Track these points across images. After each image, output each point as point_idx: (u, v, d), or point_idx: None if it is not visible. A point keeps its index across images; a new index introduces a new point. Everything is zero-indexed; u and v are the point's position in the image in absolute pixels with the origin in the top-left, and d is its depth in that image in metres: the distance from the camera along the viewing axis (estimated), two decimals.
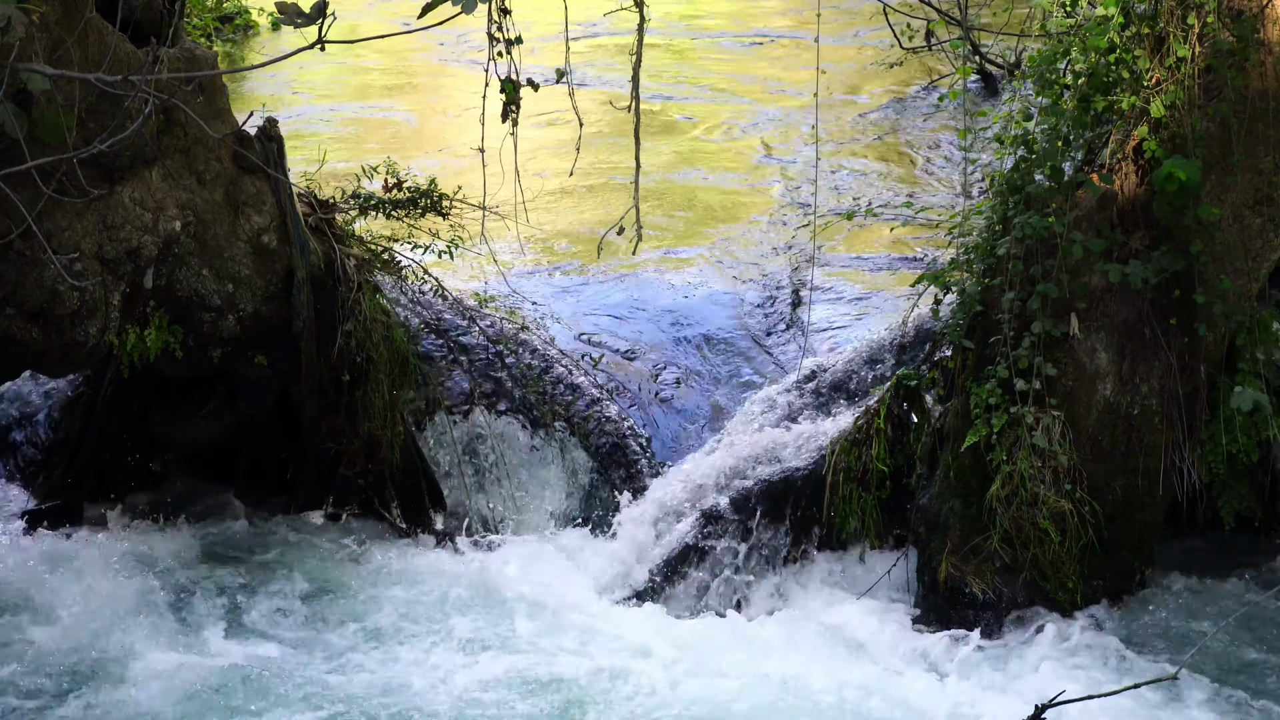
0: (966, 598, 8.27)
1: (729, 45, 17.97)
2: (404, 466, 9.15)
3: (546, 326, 10.03)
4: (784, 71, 16.46)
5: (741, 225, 11.81)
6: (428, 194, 9.54)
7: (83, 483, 9.39)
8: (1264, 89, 7.80)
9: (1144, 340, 8.16)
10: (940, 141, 13.83)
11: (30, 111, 7.28)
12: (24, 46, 7.17)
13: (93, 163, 7.68)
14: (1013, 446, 8.09)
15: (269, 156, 8.61)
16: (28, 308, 7.87)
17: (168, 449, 9.55)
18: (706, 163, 13.44)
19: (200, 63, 8.26)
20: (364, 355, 8.92)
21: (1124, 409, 8.21)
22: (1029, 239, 8.14)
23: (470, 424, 9.37)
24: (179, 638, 8.14)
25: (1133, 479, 8.24)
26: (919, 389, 8.77)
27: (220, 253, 8.52)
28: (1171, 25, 7.89)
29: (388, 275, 9.53)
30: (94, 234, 7.96)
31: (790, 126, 14.35)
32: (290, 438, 9.29)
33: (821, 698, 7.71)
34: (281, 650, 8.08)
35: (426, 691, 7.72)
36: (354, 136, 14.23)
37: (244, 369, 8.90)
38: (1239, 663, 8.04)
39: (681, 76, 16.36)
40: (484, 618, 8.35)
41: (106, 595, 8.43)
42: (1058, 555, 8.14)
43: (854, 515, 8.70)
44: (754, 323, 10.18)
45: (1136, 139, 8.07)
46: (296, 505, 9.38)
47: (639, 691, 7.73)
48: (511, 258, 10.49)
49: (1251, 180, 7.97)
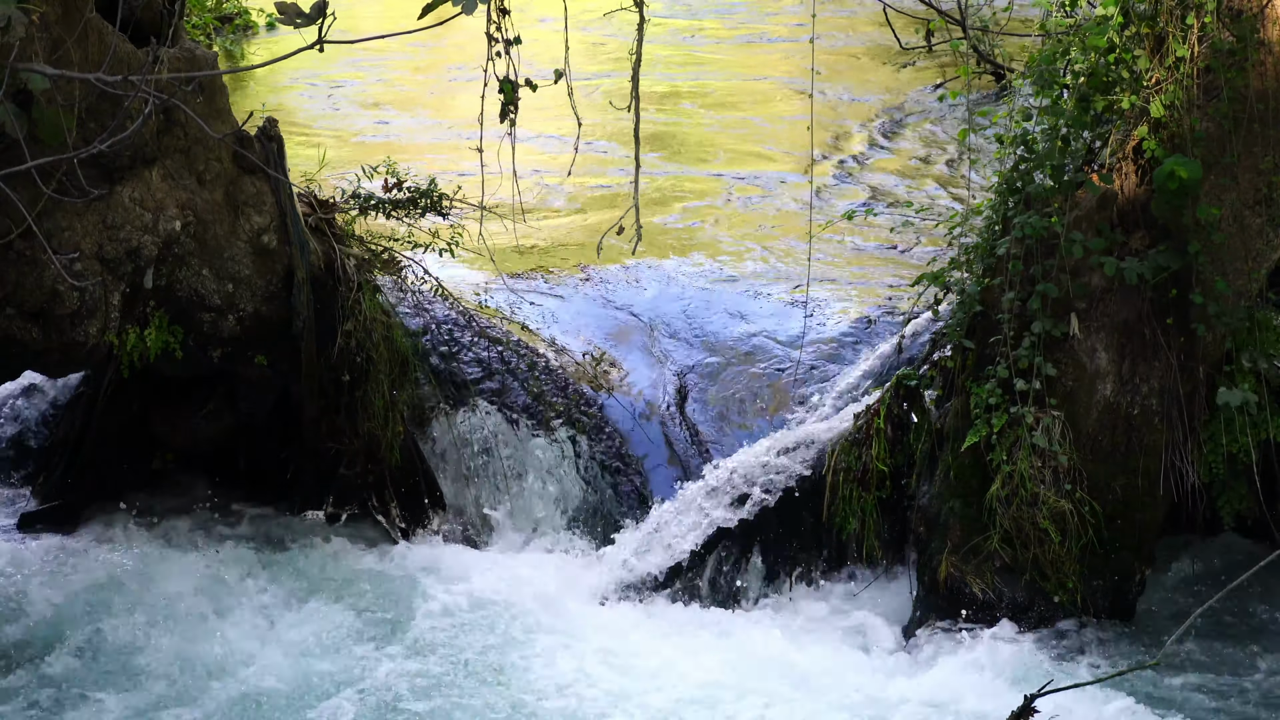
0: (966, 598, 8.27)
1: (733, 42, 17.98)
2: (404, 466, 9.15)
3: (546, 327, 10.02)
4: (791, 71, 16.47)
5: (743, 226, 11.81)
6: (428, 194, 9.54)
7: (83, 483, 9.39)
8: (1264, 89, 7.80)
9: (1144, 340, 8.16)
10: (938, 135, 13.84)
11: (30, 111, 7.28)
12: (24, 46, 7.17)
13: (93, 163, 7.68)
14: (1013, 446, 8.09)
15: (269, 156, 8.61)
16: (28, 308, 7.87)
17: (168, 449, 9.55)
18: (707, 162, 13.44)
19: (200, 63, 8.26)
20: (364, 355, 8.92)
21: (1124, 409, 8.21)
22: (1029, 239, 8.14)
23: (470, 424, 9.37)
24: (179, 637, 8.14)
25: (1133, 479, 8.24)
26: (919, 389, 8.77)
27: (220, 253, 8.52)
28: (1171, 25, 7.89)
29: (388, 275, 9.52)
30: (94, 234, 7.96)
31: (796, 126, 14.35)
32: (290, 438, 9.29)
33: (822, 696, 7.72)
34: (281, 650, 8.08)
35: (425, 691, 7.72)
36: (354, 138, 14.24)
37: (244, 369, 8.90)
38: (1226, 652, 8.11)
39: (683, 77, 16.36)
40: (484, 618, 8.35)
41: (105, 595, 8.43)
42: (1058, 555, 8.14)
43: (854, 515, 8.70)
44: (754, 324, 10.17)
45: (1136, 139, 8.06)
46: (296, 505, 9.38)
47: (639, 691, 7.73)
48: (511, 258, 10.49)
49: (1251, 180, 7.96)
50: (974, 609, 8.26)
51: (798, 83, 15.66)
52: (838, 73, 16.11)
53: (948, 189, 12.61)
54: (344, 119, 14.91)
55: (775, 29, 18.67)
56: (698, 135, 14.30)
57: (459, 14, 5.44)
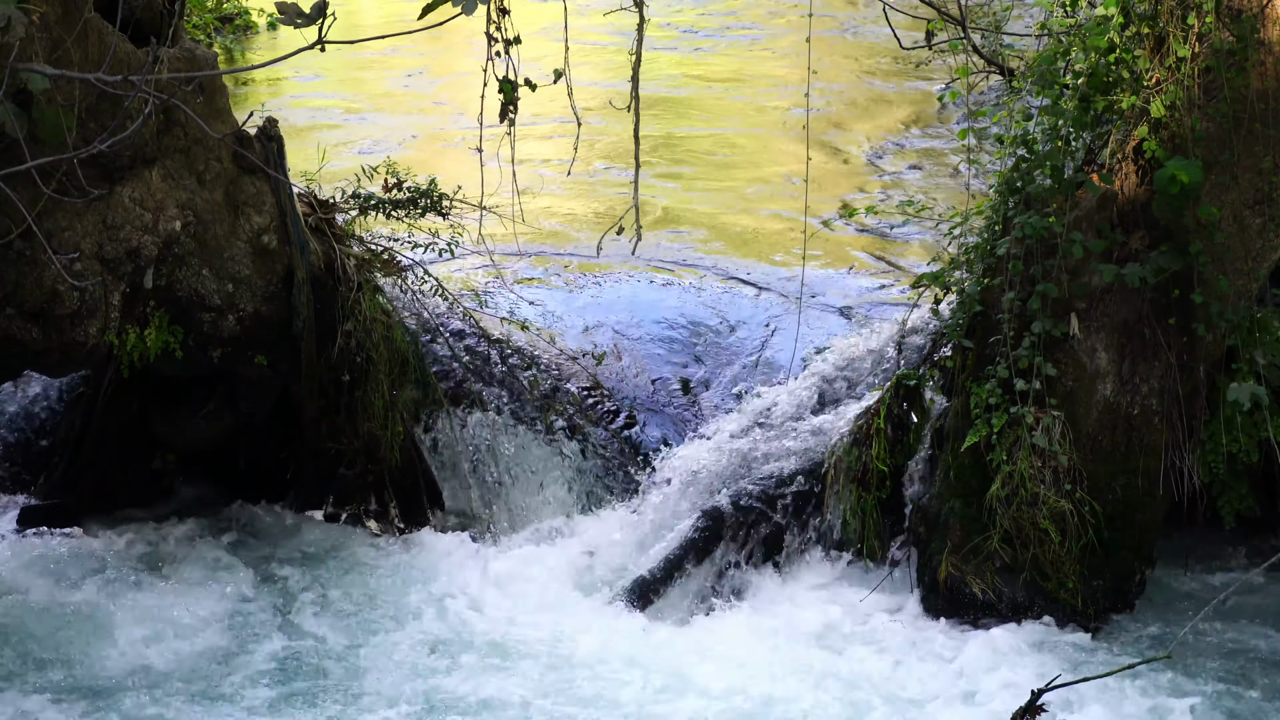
0: (966, 597, 8.27)
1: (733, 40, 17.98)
2: (404, 466, 9.16)
3: (546, 326, 10.02)
4: (787, 71, 16.47)
5: (743, 226, 11.81)
6: (427, 194, 9.53)
7: (83, 483, 9.39)
8: (1264, 89, 7.79)
9: (1144, 340, 8.16)
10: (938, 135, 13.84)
11: (30, 111, 7.28)
12: (24, 46, 7.17)
13: (93, 163, 7.68)
14: (1013, 446, 8.09)
15: (269, 156, 8.61)
16: (28, 308, 7.87)
17: (168, 449, 9.55)
18: (709, 161, 13.44)
19: (200, 63, 8.26)
20: (364, 355, 8.92)
21: (1124, 409, 8.21)
22: (1029, 239, 8.14)
23: (469, 424, 9.37)
24: (178, 637, 8.14)
25: (1133, 479, 8.24)
26: (919, 389, 8.77)
27: (220, 253, 8.52)
28: (1171, 25, 7.89)
29: (387, 275, 9.52)
30: (94, 234, 7.96)
31: (789, 125, 14.34)
32: (290, 438, 9.29)
33: (822, 695, 7.72)
34: (281, 650, 8.08)
35: (423, 692, 7.72)
36: (355, 139, 14.24)
37: (244, 369, 8.90)
38: (1232, 648, 8.09)
39: (682, 78, 16.36)
40: (484, 619, 8.35)
41: (104, 595, 8.43)
42: (1058, 555, 8.14)
43: (854, 515, 8.70)
44: (755, 324, 10.17)
45: (1136, 139, 8.06)
46: (296, 505, 9.39)
47: (639, 691, 7.73)
48: (511, 257, 10.48)
49: (1251, 180, 7.96)
50: (974, 609, 8.27)
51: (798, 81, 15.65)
52: (837, 72, 16.11)
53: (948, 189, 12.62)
54: (346, 119, 14.91)
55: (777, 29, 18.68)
56: (699, 134, 14.30)
57: (458, 14, 5.44)
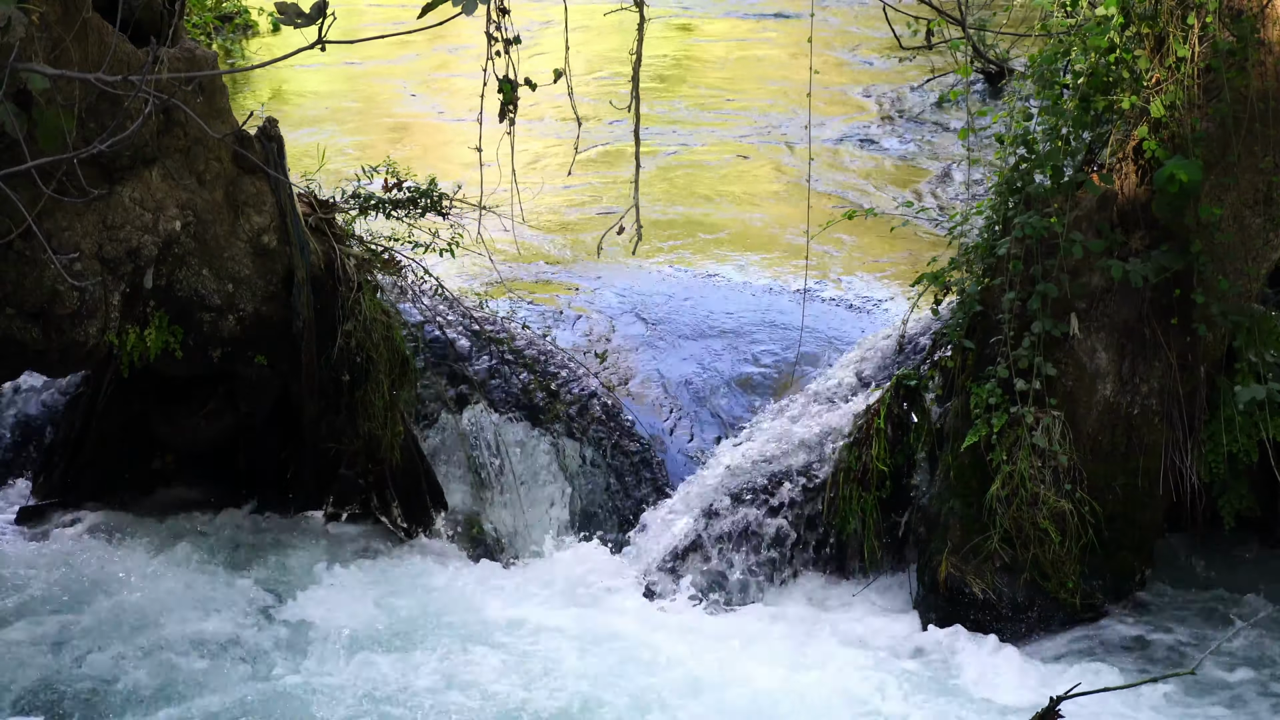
0: (966, 597, 8.27)
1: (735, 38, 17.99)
2: (404, 466, 9.15)
3: (546, 325, 10.02)
4: (783, 71, 16.47)
5: (744, 226, 11.82)
6: (427, 194, 9.54)
7: (83, 483, 9.39)
8: (1264, 89, 7.80)
9: (1144, 340, 8.16)
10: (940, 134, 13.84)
11: (30, 111, 7.27)
12: (24, 46, 7.17)
13: (93, 163, 7.68)
14: (1013, 446, 8.09)
15: (269, 156, 8.61)
16: (28, 308, 7.87)
17: (168, 449, 9.55)
18: (708, 162, 13.44)
19: (200, 63, 8.26)
20: (364, 355, 8.92)
21: (1124, 409, 8.21)
22: (1029, 239, 8.14)
23: (471, 424, 9.37)
24: (178, 637, 8.14)
25: (1133, 479, 8.24)
26: (919, 389, 8.77)
27: (220, 253, 8.52)
28: (1171, 25, 7.89)
29: (388, 275, 9.53)
30: (94, 234, 7.96)
31: (795, 126, 14.35)
32: (290, 438, 9.29)
33: (823, 694, 7.72)
34: (281, 649, 8.08)
35: (422, 693, 7.72)
36: (355, 140, 14.25)
37: (244, 369, 8.90)
38: (1254, 661, 8.07)
39: (684, 78, 16.36)
40: (483, 619, 8.35)
41: (104, 594, 8.43)
42: (1058, 555, 8.14)
43: (854, 515, 8.70)
44: (757, 323, 10.17)
45: (1136, 139, 8.07)
46: (296, 505, 9.38)
47: (639, 691, 7.73)
48: (511, 257, 10.49)
49: (1251, 180, 7.96)
50: (974, 609, 8.27)
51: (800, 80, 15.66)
52: (845, 72, 16.11)
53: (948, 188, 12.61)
54: (346, 119, 14.92)
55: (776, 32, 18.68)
56: (700, 134, 14.30)
57: (458, 14, 5.44)
